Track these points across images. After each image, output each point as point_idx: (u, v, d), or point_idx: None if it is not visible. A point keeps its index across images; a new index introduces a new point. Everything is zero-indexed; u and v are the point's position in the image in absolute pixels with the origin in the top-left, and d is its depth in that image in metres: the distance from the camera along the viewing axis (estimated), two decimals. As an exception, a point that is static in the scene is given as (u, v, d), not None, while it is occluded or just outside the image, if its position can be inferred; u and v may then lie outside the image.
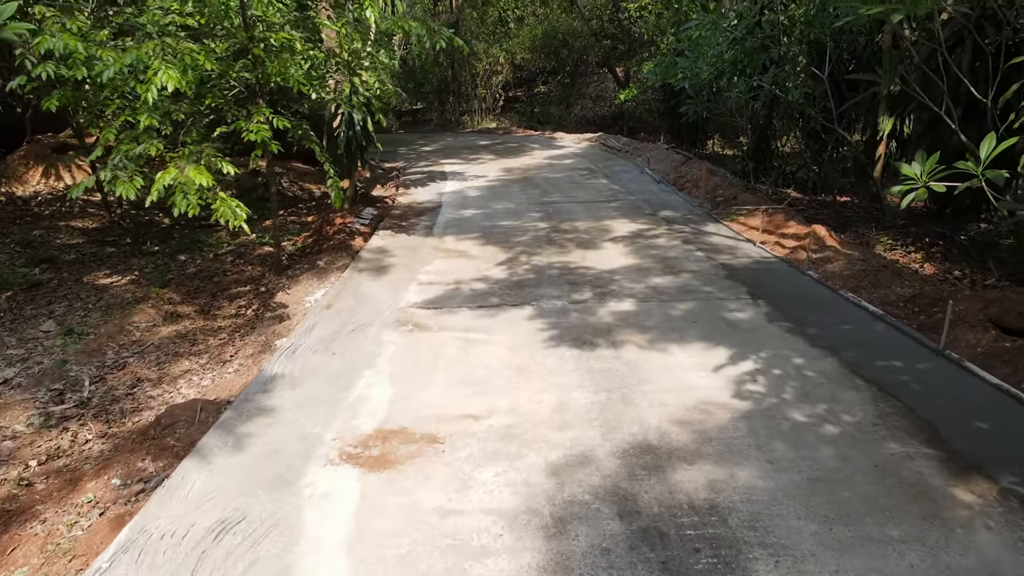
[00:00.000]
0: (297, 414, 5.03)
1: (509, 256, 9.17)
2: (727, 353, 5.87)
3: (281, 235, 11.68)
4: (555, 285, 7.87)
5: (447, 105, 27.67)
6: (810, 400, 5.00)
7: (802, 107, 11.10)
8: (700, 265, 8.46)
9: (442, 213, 12.15)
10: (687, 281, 7.85)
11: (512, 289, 7.81)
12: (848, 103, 11.72)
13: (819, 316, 6.64)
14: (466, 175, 15.90)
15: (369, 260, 9.30)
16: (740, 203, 11.76)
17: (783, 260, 8.67)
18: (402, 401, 5.20)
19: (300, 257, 10.28)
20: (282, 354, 6.17)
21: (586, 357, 5.90)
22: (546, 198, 13.08)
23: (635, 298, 7.34)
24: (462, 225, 11.11)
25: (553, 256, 9.09)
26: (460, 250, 9.60)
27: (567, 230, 10.47)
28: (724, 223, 10.70)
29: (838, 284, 7.58)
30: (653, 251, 9.17)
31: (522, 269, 8.57)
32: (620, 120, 24.17)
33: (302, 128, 8.52)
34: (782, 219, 10.37)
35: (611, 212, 11.67)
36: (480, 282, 8.11)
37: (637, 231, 10.30)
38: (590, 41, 25.06)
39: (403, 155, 19.72)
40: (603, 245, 9.56)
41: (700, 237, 9.88)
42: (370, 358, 6.02)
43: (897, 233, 10.79)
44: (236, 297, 8.62)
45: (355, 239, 10.47)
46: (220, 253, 10.60)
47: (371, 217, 11.89)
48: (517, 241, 9.93)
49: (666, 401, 5.06)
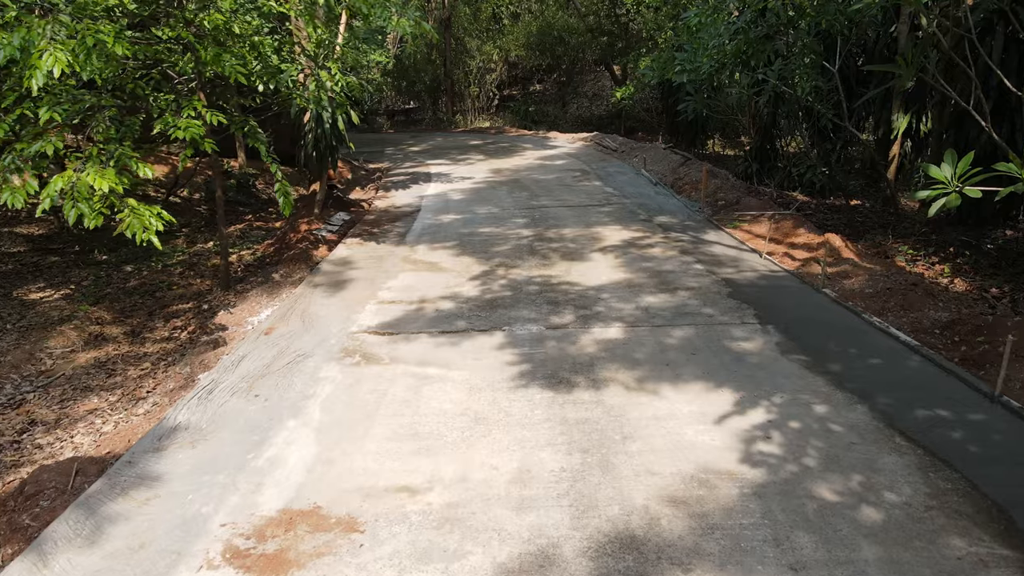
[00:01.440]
0: (187, 484, 3.89)
1: (485, 269, 8.03)
2: (732, 397, 4.73)
3: (240, 244, 10.56)
4: (533, 305, 6.73)
5: (440, 104, 26.51)
6: (841, 468, 3.86)
7: (811, 103, 9.92)
8: (700, 281, 7.30)
9: (419, 218, 11.01)
10: (685, 301, 6.70)
11: (483, 310, 6.67)
12: (864, 98, 10.57)
13: (841, 347, 5.49)
14: (451, 177, 14.76)
15: (328, 273, 8.16)
16: (743, 208, 10.61)
17: (794, 275, 7.51)
18: (324, 465, 4.07)
19: (257, 268, 9.15)
20: (195, 396, 5.03)
21: (560, 401, 4.76)
22: (534, 202, 11.94)
23: (624, 322, 6.19)
24: (438, 232, 9.97)
25: (534, 269, 7.95)
26: (431, 261, 8.46)
27: (552, 238, 9.32)
28: (726, 230, 9.55)
29: (860, 305, 6.42)
30: (647, 263, 8.02)
31: (498, 285, 7.43)
32: (617, 119, 23.01)
33: (248, 125, 7.38)
34: (790, 226, 9.22)
35: (602, 218, 10.52)
36: (448, 300, 6.97)
37: (630, 239, 9.14)
38: (586, 38, 23.88)
39: (389, 155, 18.58)
40: (591, 256, 8.41)
41: (700, 247, 8.73)
42: (299, 402, 4.88)
43: (917, 241, 9.64)
44: (174, 316, 7.49)
45: (319, 248, 9.33)
46: (170, 263, 9.47)
47: (341, 223, 10.76)
48: (496, 251, 8.78)
49: (656, 467, 3.92)
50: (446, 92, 25.66)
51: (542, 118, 24.80)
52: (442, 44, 25.16)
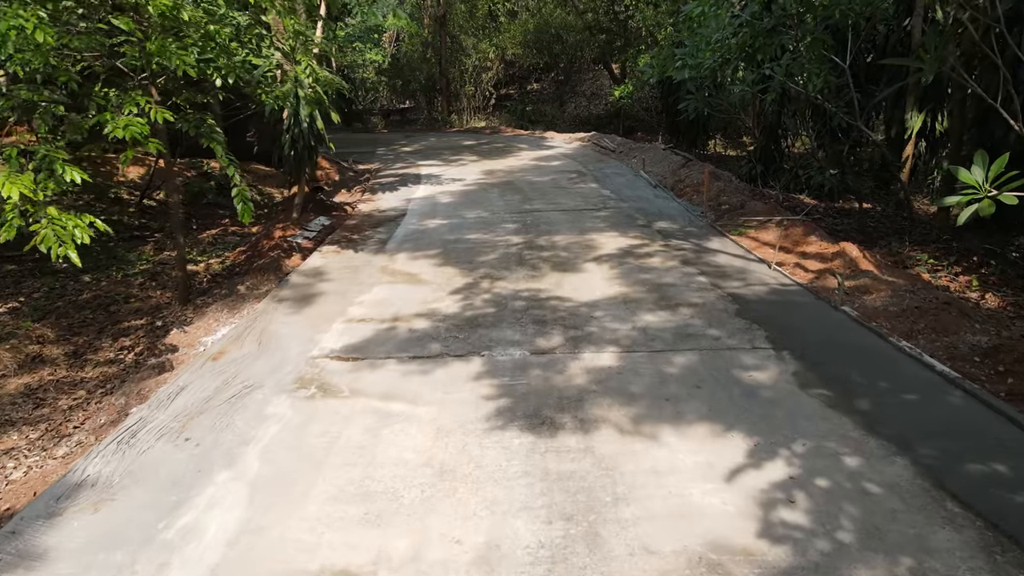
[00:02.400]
0: (74, 566, 3.12)
1: (468, 281, 7.25)
2: (745, 445, 3.95)
3: (211, 251, 9.79)
4: (517, 325, 5.95)
5: (436, 104, 25.71)
6: (884, 546, 3.08)
7: (820, 101, 9.13)
8: (704, 296, 6.52)
9: (403, 223, 10.23)
10: (687, 320, 5.92)
11: (461, 330, 5.89)
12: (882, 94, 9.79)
13: (869, 378, 4.70)
14: (442, 179, 13.97)
15: (297, 286, 7.39)
16: (748, 212, 9.82)
17: (808, 289, 6.72)
18: (250, 536, 3.30)
19: (224, 279, 8.38)
20: (114, 440, 4.26)
21: (542, 449, 3.99)
22: (526, 205, 11.16)
23: (619, 346, 5.41)
24: (422, 239, 9.19)
25: (522, 281, 7.17)
26: (410, 272, 7.68)
27: (544, 246, 8.54)
28: (731, 237, 8.76)
29: (886, 327, 5.63)
30: (645, 275, 7.24)
31: (480, 300, 6.65)
32: (616, 119, 22.20)
33: (204, 123, 6.60)
34: (801, 233, 8.43)
35: (598, 223, 9.73)
36: (423, 318, 6.20)
37: (627, 248, 8.36)
38: (584, 36, 23.08)
39: (380, 156, 17.80)
40: (585, 267, 7.63)
41: (703, 256, 7.95)
42: (236, 448, 4.11)
43: (937, 249, 8.86)
44: (124, 334, 6.72)
45: (291, 257, 8.56)
46: (132, 273, 8.70)
47: (320, 228, 9.98)
48: (482, 261, 8.01)
49: (654, 544, 3.15)
50: (441, 91, 24.87)
51: (539, 118, 24.01)
52: (437, 42, 24.38)
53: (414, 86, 25.86)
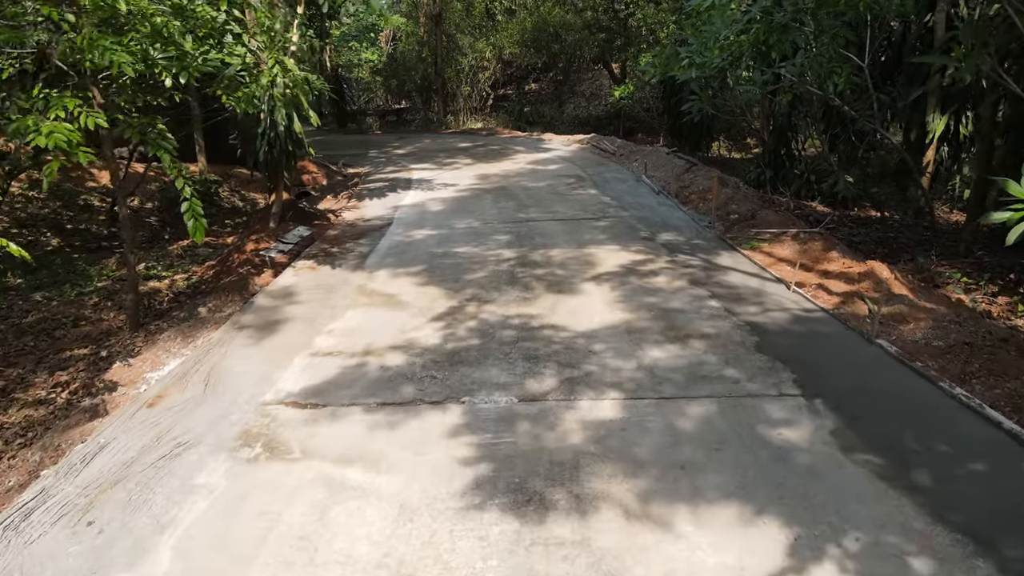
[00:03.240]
0: None
1: (453, 305, 6.41)
2: (783, 537, 3.11)
3: (178, 265, 8.94)
4: (505, 361, 5.11)
5: (432, 104, 24.84)
6: None
7: (838, 103, 8.27)
8: (717, 325, 5.68)
9: (388, 234, 9.39)
10: (700, 356, 5.08)
11: (441, 368, 5.05)
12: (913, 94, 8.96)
13: (923, 440, 3.86)
14: (433, 184, 13.12)
15: (262, 309, 6.55)
16: (760, 223, 8.97)
17: (834, 316, 5.88)
18: None
19: (187, 298, 7.53)
20: (2, 523, 3.43)
21: (527, 541, 3.15)
22: (521, 214, 10.32)
23: (622, 391, 4.58)
24: (406, 253, 8.35)
25: (513, 305, 6.33)
26: (389, 294, 6.84)
27: (538, 262, 7.70)
28: (743, 252, 7.91)
29: (933, 367, 4.78)
30: (650, 298, 6.40)
31: (465, 328, 5.81)
32: (616, 120, 21.35)
33: (153, 129, 5.75)
34: (820, 248, 7.59)
35: (598, 234, 8.89)
36: (399, 352, 5.36)
37: (630, 264, 7.52)
38: (583, 34, 22.20)
39: (371, 159, 16.95)
40: (582, 287, 6.79)
41: (713, 274, 7.10)
42: (149, 537, 3.27)
43: (967, 265, 8.02)
44: (64, 366, 5.88)
45: (262, 274, 7.72)
46: (88, 291, 7.85)
47: (297, 240, 9.14)
48: (470, 279, 7.17)
49: None
50: (437, 91, 24.01)
51: (537, 118, 23.15)
52: (433, 41, 23.52)
53: (409, 86, 25.00)
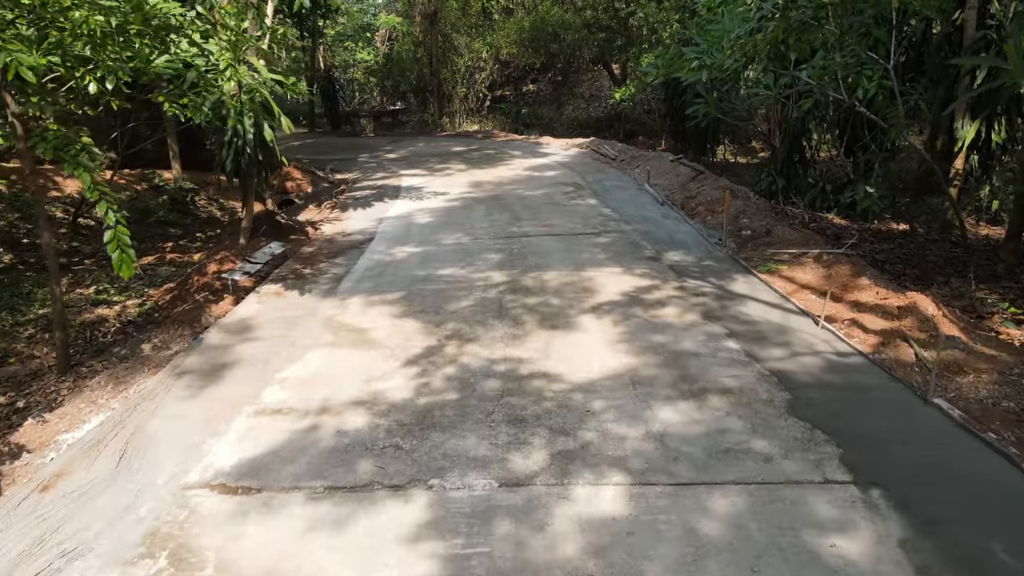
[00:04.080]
0: None
1: (431, 344, 5.48)
2: None
3: (134, 288, 7.99)
4: (485, 425, 4.19)
5: (428, 105, 23.87)
6: None
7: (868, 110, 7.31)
8: (739, 375, 4.74)
9: (368, 252, 8.45)
10: (722, 420, 4.15)
11: (409, 433, 4.12)
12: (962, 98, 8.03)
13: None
14: (423, 192, 12.18)
15: (211, 349, 5.61)
16: (777, 241, 8.03)
17: (875, 363, 4.93)
18: None
19: (136, 329, 6.60)
20: None
21: None
22: (515, 227, 9.38)
23: (627, 472, 3.64)
24: (385, 275, 7.41)
25: (499, 345, 5.40)
26: (360, 328, 5.91)
27: (531, 288, 6.76)
28: (759, 276, 6.97)
29: (1011, 441, 3.84)
30: (658, 336, 5.47)
31: (442, 377, 4.89)
32: (616, 122, 20.40)
33: (78, 143, 4.81)
34: (848, 272, 6.65)
35: (598, 253, 7.95)
36: (360, 410, 4.43)
37: (633, 291, 6.58)
38: (583, 34, 21.22)
39: (361, 164, 16.01)
40: (580, 321, 5.86)
41: (729, 305, 6.16)
42: None
43: (1011, 290, 7.08)
44: (-28, 421, 4.95)
45: (221, 301, 6.79)
46: (26, 319, 6.92)
47: (268, 258, 8.20)
48: (453, 310, 6.23)
49: None
50: (433, 92, 23.04)
51: (535, 120, 22.20)
52: (428, 40, 22.56)
53: (404, 87, 24.06)
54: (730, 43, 7.83)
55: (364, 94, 26.39)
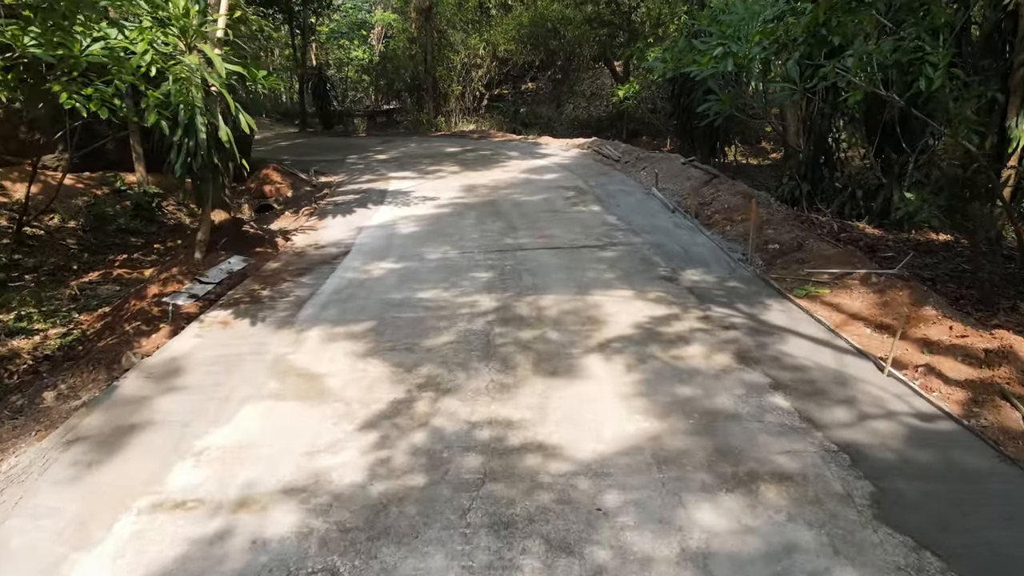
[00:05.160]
0: None
1: (397, 397, 4.27)
2: None
3: (64, 312, 6.75)
4: (458, 534, 2.97)
5: (424, 105, 22.62)
6: None
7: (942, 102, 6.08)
8: (797, 451, 3.53)
9: (340, 269, 7.24)
10: (785, 528, 2.94)
11: (350, 549, 2.91)
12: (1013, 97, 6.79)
13: None
14: (411, 197, 10.97)
15: (122, 403, 4.40)
16: (811, 257, 6.81)
17: (974, 432, 3.72)
18: None
19: (51, 368, 5.38)
20: None
21: None
22: (509, 238, 8.17)
23: (661, 630, 2.44)
24: (355, 299, 6.20)
25: (483, 400, 4.19)
26: (314, 373, 4.69)
27: (525, 318, 5.55)
28: (797, 302, 5.75)
29: None
30: (684, 388, 4.25)
31: (406, 450, 3.67)
32: (618, 122, 19.17)
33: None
34: (906, 299, 5.43)
35: (604, 272, 6.74)
36: (292, 506, 3.22)
37: (649, 322, 5.37)
38: (584, 29, 19.96)
39: (349, 165, 14.78)
40: (585, 365, 4.64)
41: (767, 342, 4.95)
42: None
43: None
44: None
45: (155, 332, 5.57)
46: (-75, 355, 5.71)
47: (224, 277, 6.99)
48: (430, 348, 5.02)
49: None
50: (428, 91, 21.79)
51: (534, 120, 20.96)
52: (423, 37, 21.32)
53: (399, 85, 22.82)
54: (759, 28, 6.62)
55: (358, 93, 25.15)
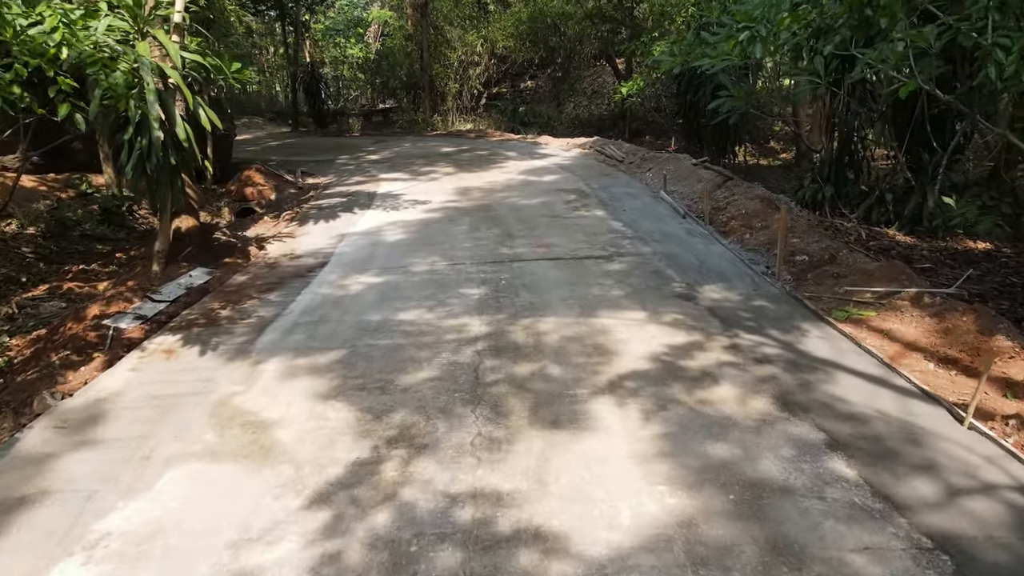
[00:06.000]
0: None
1: (360, 457, 3.37)
2: None
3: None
4: None
5: (421, 104, 21.69)
6: None
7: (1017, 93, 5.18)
8: (878, 550, 2.62)
9: (315, 283, 6.35)
10: None
11: None
12: None
13: None
14: (400, 200, 10.08)
15: (18, 464, 3.49)
16: (847, 271, 5.90)
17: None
18: None
19: (-41, 408, 4.50)
20: None
21: None
22: (505, 247, 7.28)
23: None
24: (326, 322, 5.30)
25: (468, 461, 3.29)
26: (263, 421, 3.79)
27: (522, 347, 4.65)
28: (838, 327, 4.84)
29: None
30: (718, 447, 3.36)
31: (364, 541, 2.78)
32: (621, 121, 18.25)
33: None
34: (972, 327, 4.52)
35: (612, 288, 5.84)
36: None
37: (667, 353, 4.47)
38: (585, 25, 19.04)
39: (339, 166, 13.89)
40: (593, 412, 3.74)
41: (811, 380, 4.05)
42: None
43: None
44: None
45: (86, 364, 4.68)
46: None
47: (183, 293, 6.09)
48: (406, 388, 4.12)
49: None
50: (424, 89, 20.87)
51: (534, 119, 20.04)
52: (419, 34, 20.39)
53: (394, 83, 21.90)
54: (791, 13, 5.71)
55: (354, 91, 24.24)
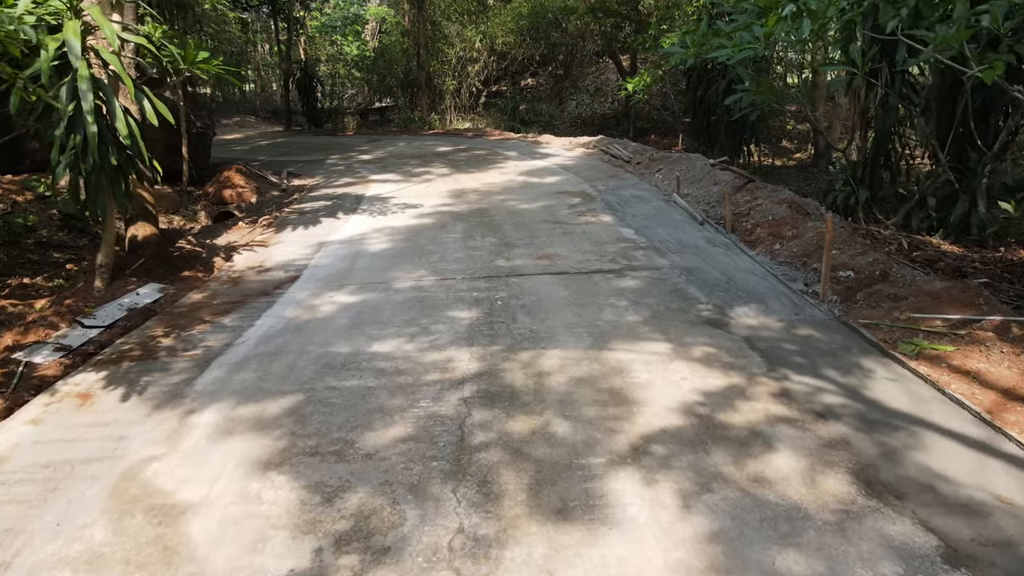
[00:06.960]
0: None
1: (296, 570, 2.41)
2: None
3: None
4: None
5: (418, 102, 20.71)
6: None
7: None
8: None
9: (280, 303, 5.38)
10: None
11: None
12: None
13: None
14: (389, 204, 9.11)
15: None
16: (904, 292, 4.92)
17: None
18: None
19: None
20: None
21: None
22: (502, 259, 6.31)
23: None
24: (283, 355, 4.33)
25: (443, 575, 2.33)
26: (177, 506, 2.82)
27: (519, 392, 3.68)
28: (910, 364, 3.88)
29: None
30: (788, 553, 2.37)
31: None
32: (625, 119, 17.27)
33: None
34: (1084, 370, 3.56)
35: (627, 312, 4.87)
36: None
37: (702, 403, 3.50)
38: (587, 20, 18.06)
39: (328, 166, 12.92)
40: (613, 491, 2.76)
41: (893, 445, 3.07)
42: None
43: None
44: None
45: (-22, 413, 3.72)
46: None
47: (124, 314, 5.13)
48: (371, 451, 3.16)
49: None
50: (421, 87, 19.89)
51: (535, 118, 19.06)
52: (415, 29, 19.41)
53: (391, 81, 20.91)
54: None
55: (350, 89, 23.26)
